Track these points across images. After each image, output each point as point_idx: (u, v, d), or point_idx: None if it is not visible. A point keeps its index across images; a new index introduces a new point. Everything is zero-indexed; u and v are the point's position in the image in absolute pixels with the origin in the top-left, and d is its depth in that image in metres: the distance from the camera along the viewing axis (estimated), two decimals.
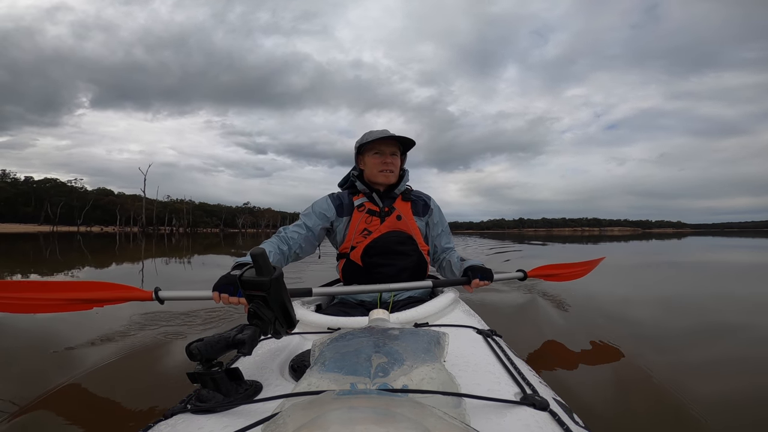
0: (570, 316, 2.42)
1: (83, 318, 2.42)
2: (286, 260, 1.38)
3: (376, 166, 1.40)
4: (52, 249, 10.76)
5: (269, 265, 0.62)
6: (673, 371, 1.57)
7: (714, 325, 2.36)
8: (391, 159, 1.40)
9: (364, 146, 1.42)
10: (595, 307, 2.73)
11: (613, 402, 1.33)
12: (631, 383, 1.47)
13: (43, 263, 6.78)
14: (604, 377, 1.52)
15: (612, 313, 2.59)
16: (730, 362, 1.74)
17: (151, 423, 0.58)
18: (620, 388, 1.43)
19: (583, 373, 1.57)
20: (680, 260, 7.54)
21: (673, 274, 5.28)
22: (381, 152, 1.40)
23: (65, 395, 1.49)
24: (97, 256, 8.99)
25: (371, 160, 1.41)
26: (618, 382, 1.48)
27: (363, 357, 0.55)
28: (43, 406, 1.38)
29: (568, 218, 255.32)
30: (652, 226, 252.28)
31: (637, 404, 1.31)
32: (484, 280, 1.32)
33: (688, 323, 2.41)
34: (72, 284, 1.33)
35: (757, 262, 6.99)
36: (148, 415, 1.29)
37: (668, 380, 1.46)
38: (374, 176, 1.41)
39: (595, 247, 13.06)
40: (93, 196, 74.45)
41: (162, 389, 1.51)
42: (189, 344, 0.60)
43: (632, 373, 1.56)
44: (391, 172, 1.41)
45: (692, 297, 3.40)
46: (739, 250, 10.24)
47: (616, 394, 1.39)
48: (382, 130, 1.44)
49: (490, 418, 0.52)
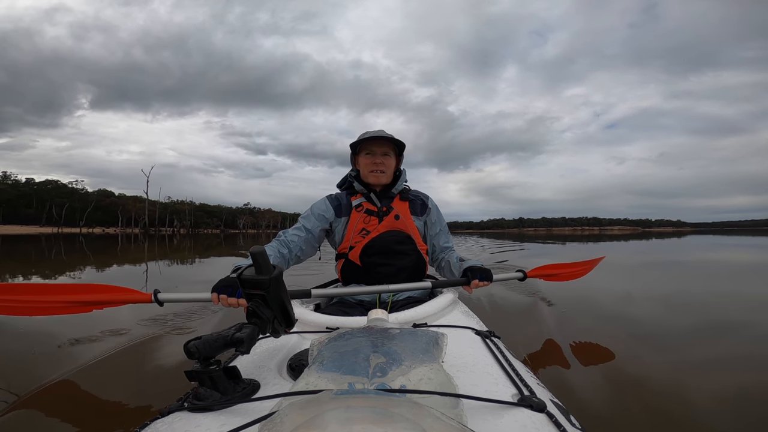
0: (568, 317, 2.42)
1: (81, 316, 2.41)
2: (288, 264, 1.39)
3: (367, 166, 1.42)
4: (57, 250, 10.81)
5: (269, 264, 0.62)
6: (673, 371, 1.57)
7: (715, 324, 2.35)
8: (382, 159, 1.41)
9: (358, 147, 1.43)
10: (595, 308, 2.74)
11: (611, 403, 1.33)
12: (629, 384, 1.47)
13: (50, 265, 6.76)
14: (602, 378, 1.52)
15: (611, 313, 2.60)
16: (732, 360, 1.73)
17: (148, 421, 0.58)
18: (618, 389, 1.43)
19: (580, 375, 1.57)
20: (681, 259, 7.55)
21: (676, 274, 5.27)
22: (372, 152, 1.42)
23: (59, 392, 1.49)
24: (102, 257, 9.00)
25: (363, 160, 1.43)
26: (616, 383, 1.48)
27: (361, 357, 0.55)
28: (36, 402, 1.38)
29: (568, 218, 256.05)
30: (652, 225, 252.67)
31: (635, 405, 1.31)
32: (483, 281, 1.31)
33: (689, 322, 2.40)
34: (71, 287, 1.33)
35: (758, 261, 6.98)
36: (145, 413, 1.29)
37: (668, 380, 1.46)
38: (366, 176, 1.43)
39: (596, 246, 13.08)
40: (94, 197, 74.81)
41: (159, 387, 1.50)
42: (187, 342, 0.60)
43: (631, 373, 1.56)
44: (381, 173, 1.42)
45: (691, 295, 3.40)
46: (740, 249, 10.25)
47: (614, 395, 1.39)
48: (378, 130, 1.46)
49: (487, 419, 0.52)
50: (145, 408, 1.32)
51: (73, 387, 1.53)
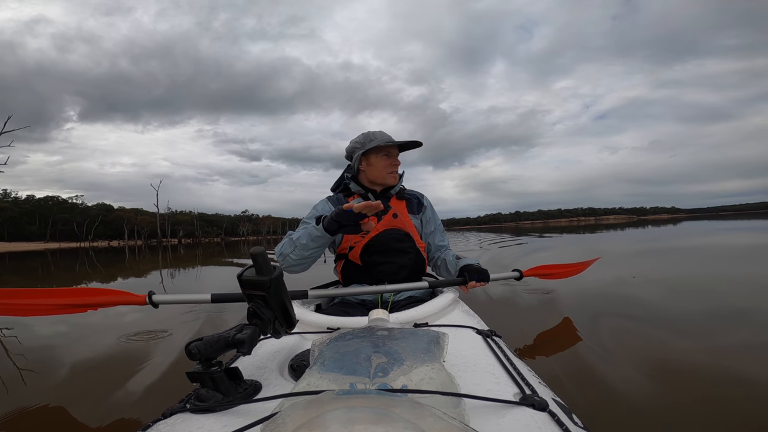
0: (571, 316, 2.41)
1: (81, 319, 2.42)
2: None
3: (386, 167, 1.44)
4: (81, 262, 11.27)
5: (269, 264, 0.62)
6: (680, 369, 1.56)
7: (727, 316, 2.32)
8: (397, 161, 1.47)
9: (372, 149, 1.44)
10: (596, 305, 2.73)
11: (614, 401, 1.33)
12: (632, 381, 1.47)
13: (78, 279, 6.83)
14: (605, 376, 1.52)
15: (615, 309, 2.58)
16: (745, 354, 1.70)
17: (150, 422, 0.58)
18: (621, 386, 1.43)
19: (583, 373, 1.57)
20: (680, 245, 7.55)
21: (678, 261, 5.24)
22: (389, 154, 1.45)
23: (58, 391, 1.49)
24: (141, 266, 9.22)
25: (380, 161, 1.43)
26: (619, 380, 1.48)
27: (362, 357, 0.55)
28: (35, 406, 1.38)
29: (564, 209, 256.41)
30: (647, 212, 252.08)
31: (639, 403, 1.31)
32: (480, 281, 1.32)
33: (699, 312, 2.37)
34: (68, 291, 1.37)
35: (756, 243, 6.96)
36: (147, 415, 1.29)
37: (671, 379, 1.45)
38: (383, 177, 1.44)
39: (592, 236, 13.04)
40: (94, 211, 75.69)
41: (161, 388, 1.51)
42: (188, 343, 0.60)
43: (633, 371, 1.55)
44: (397, 173, 1.48)
45: (698, 285, 3.34)
46: (738, 233, 10.25)
47: (617, 393, 1.38)
48: (381, 131, 1.47)
49: (489, 418, 0.52)
50: (149, 409, 1.32)
51: (73, 387, 1.53)
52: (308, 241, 1.24)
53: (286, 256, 1.28)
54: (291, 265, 1.30)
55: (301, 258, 1.28)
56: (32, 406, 1.38)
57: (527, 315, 2.54)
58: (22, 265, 11.47)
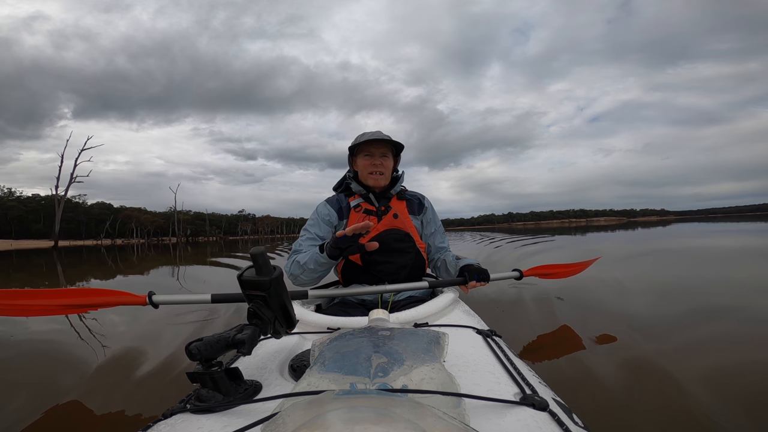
0: (570, 315, 2.41)
1: (80, 318, 2.42)
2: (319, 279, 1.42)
3: (366, 168, 1.41)
4: (106, 258, 11.55)
5: (269, 264, 0.62)
6: (679, 368, 1.55)
7: (720, 317, 2.32)
8: (381, 161, 1.40)
9: (356, 148, 1.43)
10: (596, 305, 2.72)
11: (614, 401, 1.33)
12: (632, 381, 1.47)
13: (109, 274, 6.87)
14: (605, 376, 1.52)
15: (613, 309, 2.58)
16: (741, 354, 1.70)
17: (150, 423, 0.58)
18: (621, 386, 1.43)
19: (583, 373, 1.57)
20: (669, 247, 7.55)
21: (671, 262, 5.25)
22: (371, 154, 1.41)
23: (58, 391, 1.49)
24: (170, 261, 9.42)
25: (362, 162, 1.42)
26: (619, 380, 1.48)
27: (363, 357, 0.55)
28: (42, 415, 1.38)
29: (556, 210, 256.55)
30: (637, 215, 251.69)
31: (638, 403, 1.31)
32: (480, 281, 1.32)
33: (692, 315, 2.37)
34: (68, 291, 1.37)
35: (740, 246, 6.93)
36: (147, 415, 1.29)
37: (672, 378, 1.45)
38: (364, 178, 1.43)
39: (584, 238, 13.03)
40: (96, 210, 76.24)
41: (161, 389, 1.51)
42: (188, 344, 0.60)
43: (634, 371, 1.55)
44: (380, 174, 1.41)
45: (692, 287, 3.35)
46: (720, 235, 10.31)
47: (617, 394, 1.38)
48: (375, 131, 1.44)
49: (489, 418, 0.52)
50: (149, 410, 1.32)
51: (74, 387, 1.53)
52: (315, 266, 1.28)
53: (296, 277, 1.33)
54: (303, 283, 1.35)
55: (311, 279, 1.34)
56: (32, 406, 1.38)
57: (527, 315, 2.53)
58: (65, 260, 11.62)
